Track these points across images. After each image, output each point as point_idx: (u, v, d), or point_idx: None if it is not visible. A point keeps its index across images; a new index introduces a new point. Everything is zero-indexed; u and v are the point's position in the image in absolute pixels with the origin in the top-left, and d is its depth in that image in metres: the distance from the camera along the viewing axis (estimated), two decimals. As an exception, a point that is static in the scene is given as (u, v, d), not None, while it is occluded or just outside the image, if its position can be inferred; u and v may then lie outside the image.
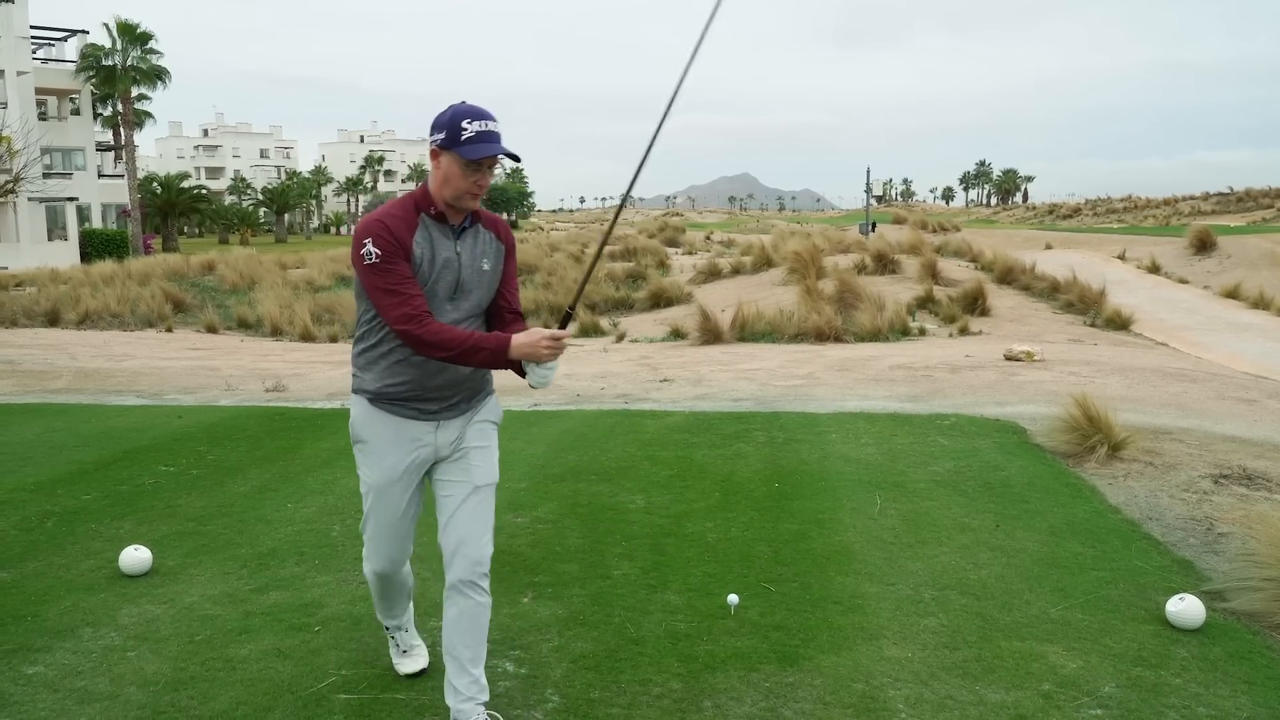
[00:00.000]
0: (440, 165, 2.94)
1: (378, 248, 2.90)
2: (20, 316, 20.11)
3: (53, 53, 51.75)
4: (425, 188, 3.01)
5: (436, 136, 2.93)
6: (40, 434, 7.76)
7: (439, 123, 2.92)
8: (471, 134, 2.89)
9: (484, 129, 2.90)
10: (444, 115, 2.92)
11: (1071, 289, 18.56)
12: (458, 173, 2.93)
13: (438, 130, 2.92)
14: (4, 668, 3.62)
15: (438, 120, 2.93)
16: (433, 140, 2.94)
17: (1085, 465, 6.39)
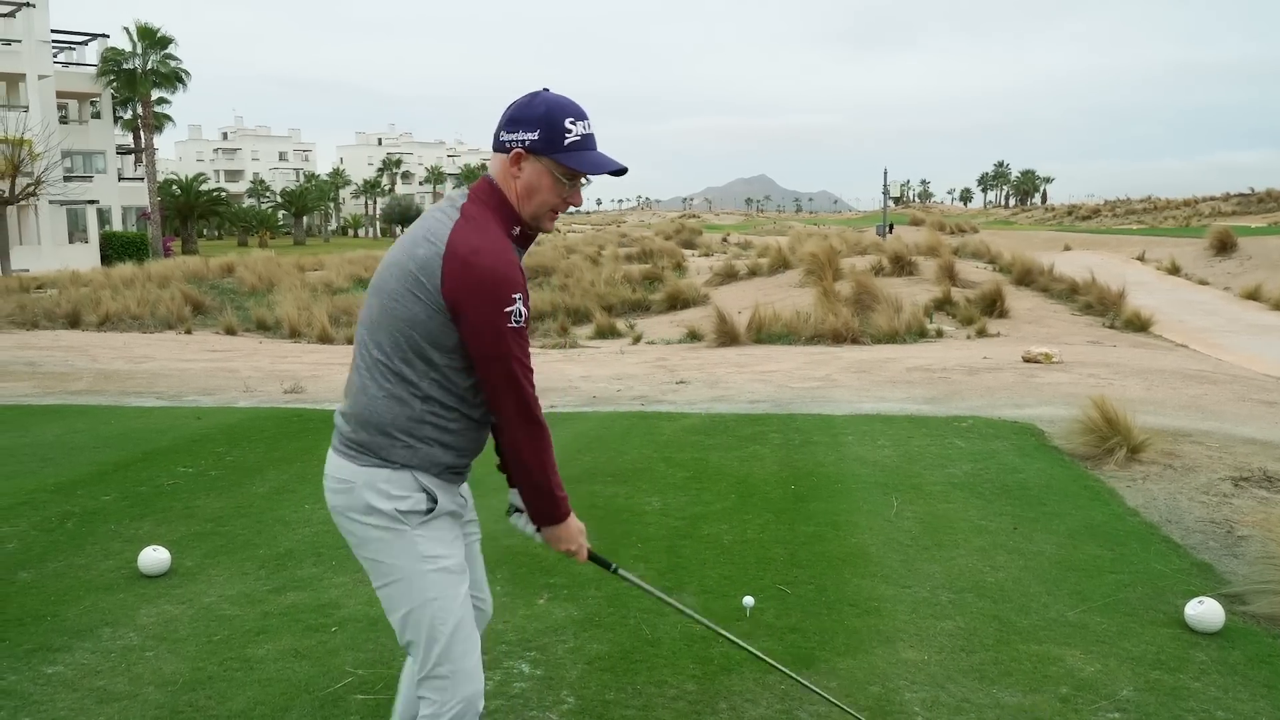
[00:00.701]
0: (524, 173, 2.31)
1: (526, 306, 2.27)
2: (41, 318, 20.27)
3: (74, 57, 52.15)
4: (503, 198, 2.33)
5: (526, 136, 2.28)
6: (61, 435, 7.81)
7: (530, 118, 2.28)
8: (578, 138, 2.30)
9: (590, 132, 2.33)
10: (535, 108, 2.29)
11: (1090, 290, 18.45)
12: (550, 185, 2.32)
13: (528, 127, 2.28)
14: (24, 667, 3.65)
15: (526, 114, 2.29)
16: (519, 140, 2.29)
17: (1104, 468, 6.36)
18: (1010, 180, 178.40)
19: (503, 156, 2.32)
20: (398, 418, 2.31)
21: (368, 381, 2.33)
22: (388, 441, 2.32)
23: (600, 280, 23.75)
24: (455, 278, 2.19)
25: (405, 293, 2.25)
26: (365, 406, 2.33)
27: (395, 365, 2.29)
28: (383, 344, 2.30)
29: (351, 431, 2.35)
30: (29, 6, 44.09)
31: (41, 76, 44.71)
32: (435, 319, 2.23)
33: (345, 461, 2.36)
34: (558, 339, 17.13)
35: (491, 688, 3.47)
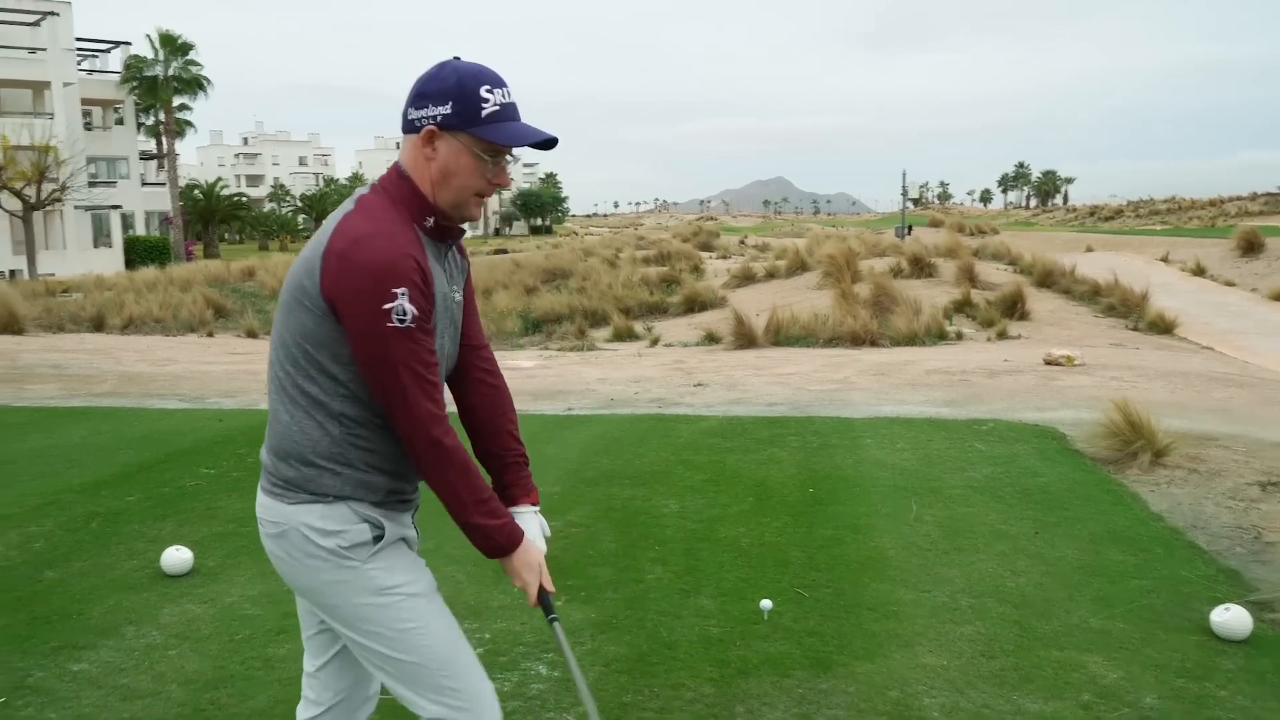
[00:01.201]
0: (438, 154, 2.01)
1: (414, 303, 1.93)
2: (67, 322, 20.45)
3: (97, 64, 52.64)
4: (411, 186, 2.04)
5: (438, 110, 1.98)
6: (86, 436, 7.89)
7: (440, 90, 1.98)
8: (496, 107, 1.99)
9: (510, 101, 2.03)
10: (444, 78, 1.99)
11: (1113, 292, 18.33)
12: (470, 165, 2.02)
13: (438, 100, 1.98)
14: (50, 664, 3.69)
15: (434, 86, 1.99)
16: (429, 116, 1.99)
17: (1127, 472, 6.31)
18: (1031, 181, 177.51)
19: (413, 138, 2.03)
20: (317, 444, 2.02)
21: (278, 407, 2.05)
22: (313, 472, 2.02)
23: (618, 283, 23.77)
24: (331, 273, 1.92)
25: (294, 301, 1.98)
26: (282, 435, 2.04)
27: (300, 384, 2.01)
28: (283, 361, 2.02)
29: (274, 466, 2.07)
30: (53, 15, 44.54)
31: (66, 84, 45.14)
32: (323, 325, 1.96)
33: (273, 501, 2.07)
34: (575, 341, 17.15)
35: (509, 689, 3.49)
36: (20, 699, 3.42)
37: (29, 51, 44.48)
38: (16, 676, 3.59)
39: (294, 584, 2.12)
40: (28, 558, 4.91)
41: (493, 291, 23.24)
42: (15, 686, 3.51)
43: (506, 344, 17.85)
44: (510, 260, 32.18)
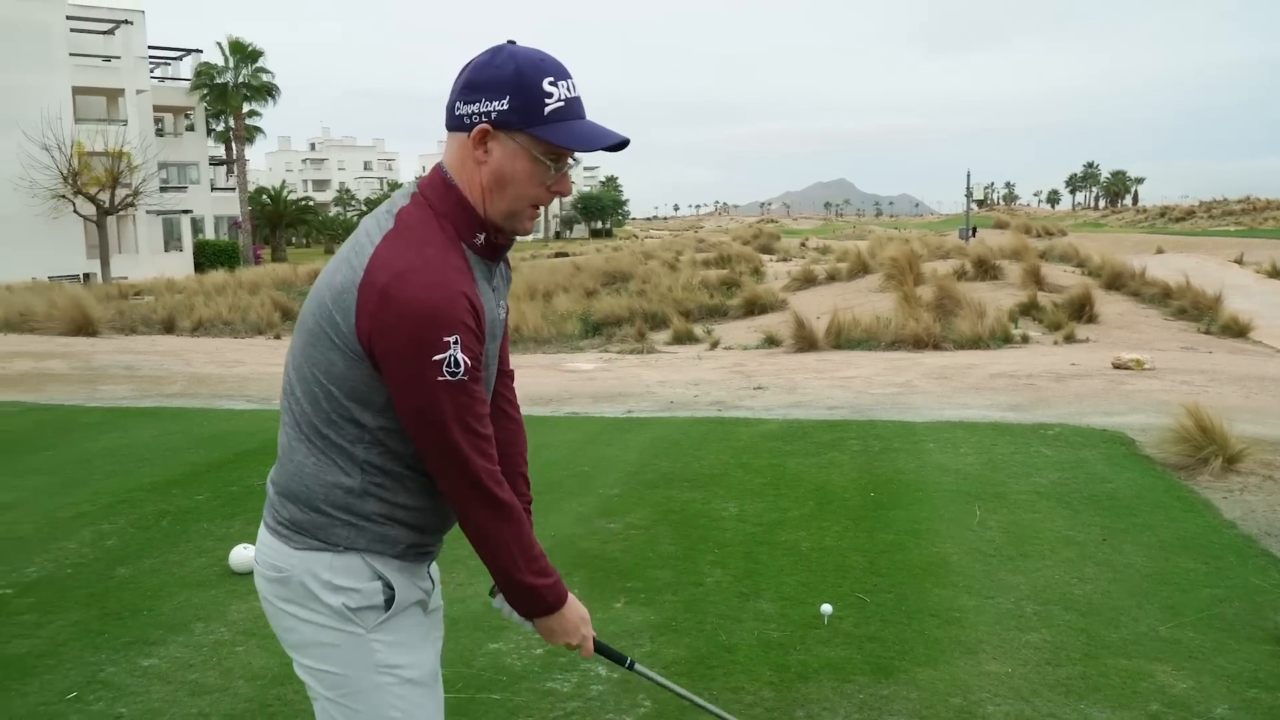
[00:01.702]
0: (491, 156, 1.72)
1: (467, 351, 1.67)
2: (139, 324, 20.96)
3: (169, 71, 53.93)
4: (458, 196, 1.76)
5: (493, 105, 1.69)
6: (157, 436, 8.08)
7: (496, 81, 1.69)
8: (561, 103, 1.72)
9: (576, 95, 1.75)
10: (501, 67, 1.69)
11: (1184, 294, 17.90)
12: (528, 171, 1.74)
13: (494, 94, 1.69)
14: (121, 660, 3.79)
15: (489, 76, 1.70)
16: (482, 112, 1.70)
17: (1198, 478, 6.17)
18: (1100, 181, 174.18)
19: (461, 137, 1.73)
20: (331, 491, 1.77)
21: (294, 444, 1.79)
22: (324, 520, 1.77)
23: (677, 285, 23.76)
24: (371, 314, 1.64)
25: (320, 333, 1.71)
26: (292, 475, 1.79)
27: (319, 427, 1.75)
28: (302, 398, 1.76)
29: (280, 505, 1.82)
30: (127, 24, 45.75)
31: (139, 91, 46.31)
32: (356, 370, 1.69)
33: (278, 542, 1.82)
34: (635, 344, 17.17)
35: (569, 690, 3.51)
36: (92, 693, 3.51)
37: (104, 60, 45.75)
38: (89, 671, 3.69)
39: (283, 637, 1.86)
40: (100, 555, 5.05)
41: (553, 294, 23.36)
42: (88, 681, 3.61)
43: (566, 346, 17.93)
44: (570, 263, 32.34)
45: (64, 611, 4.26)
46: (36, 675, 3.64)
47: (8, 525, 5.53)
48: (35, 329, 19.38)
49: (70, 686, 3.56)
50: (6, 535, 5.34)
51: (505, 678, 3.61)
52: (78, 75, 43.60)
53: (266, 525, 1.86)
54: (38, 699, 3.46)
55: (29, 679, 3.61)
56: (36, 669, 3.70)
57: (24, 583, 4.62)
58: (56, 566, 4.85)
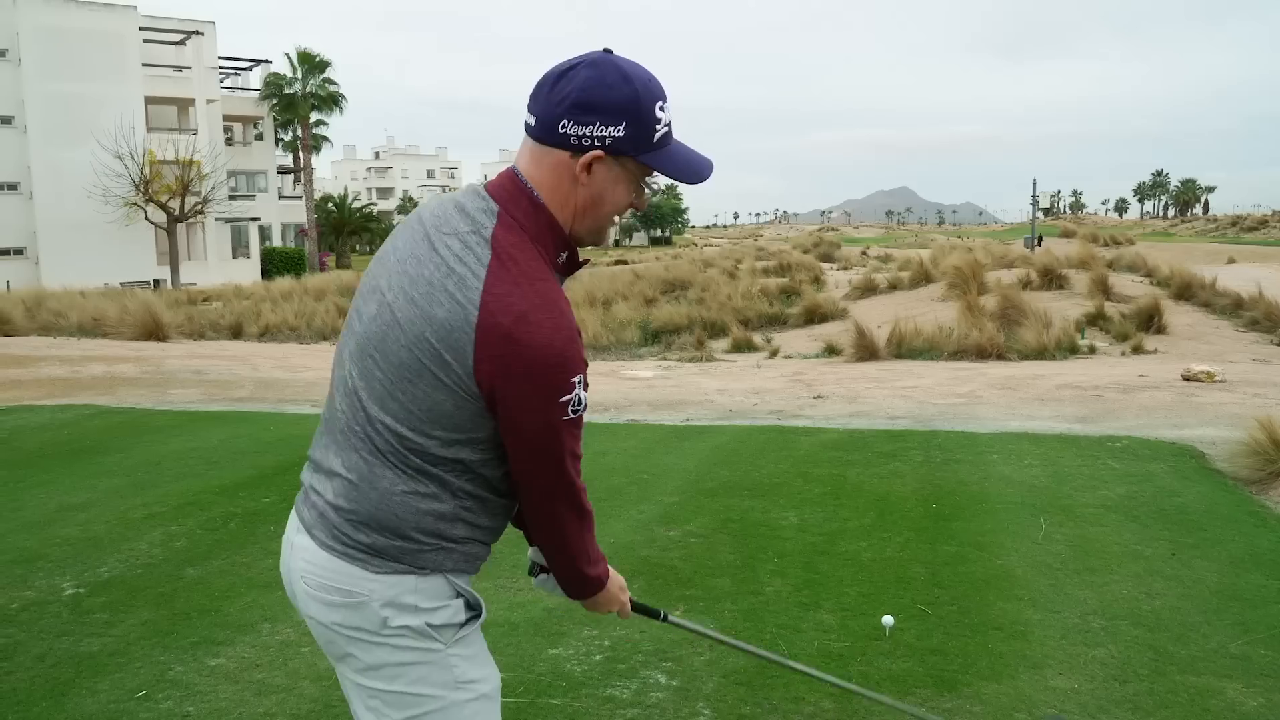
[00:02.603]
0: (595, 179, 1.70)
1: (586, 388, 1.69)
2: (208, 330, 21.42)
3: (239, 81, 55.15)
4: (549, 219, 1.72)
5: (610, 131, 1.65)
6: (225, 440, 8.24)
7: (615, 105, 1.64)
8: (665, 128, 1.71)
9: (672, 117, 1.74)
10: (621, 89, 1.65)
11: (1257, 305, 17.45)
12: (625, 194, 1.74)
13: (612, 119, 1.65)
14: (189, 659, 3.87)
15: (608, 99, 1.64)
16: (599, 137, 1.66)
17: (1270, 492, 6.01)
18: (1169, 190, 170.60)
19: (561, 155, 1.68)
20: (423, 519, 1.73)
21: (380, 470, 1.73)
22: (414, 546, 1.74)
23: (737, 294, 23.71)
24: (496, 358, 1.60)
25: (423, 371, 1.65)
26: (377, 503, 1.72)
27: (412, 457, 1.71)
28: (390, 428, 1.70)
29: (355, 530, 1.74)
30: (198, 35, 46.85)
31: (209, 101, 47.40)
32: (465, 409, 1.66)
33: (346, 565, 1.74)
34: (694, 352, 17.16)
35: (628, 696, 3.51)
36: (161, 691, 3.59)
37: (175, 70, 46.93)
38: (158, 670, 3.77)
39: (343, 660, 1.81)
40: (170, 555, 5.16)
41: (612, 302, 23.44)
42: (156, 680, 3.68)
43: (626, 354, 17.98)
44: (630, 271, 32.42)
45: (134, 611, 4.36)
46: (107, 674, 3.73)
47: (81, 525, 5.67)
48: (108, 334, 19.91)
49: (140, 685, 3.64)
50: (80, 536, 5.48)
51: (565, 683, 3.62)
52: (150, 85, 44.77)
53: (327, 547, 1.76)
54: (108, 697, 3.54)
55: (100, 677, 3.70)
56: (107, 667, 3.79)
57: (96, 582, 4.74)
58: (127, 567, 4.97)
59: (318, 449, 1.86)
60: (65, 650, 3.94)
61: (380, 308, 1.73)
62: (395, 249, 1.77)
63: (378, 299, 1.74)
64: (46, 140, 41.01)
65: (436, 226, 1.71)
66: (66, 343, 18.57)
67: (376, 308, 1.74)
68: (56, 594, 4.58)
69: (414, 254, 1.71)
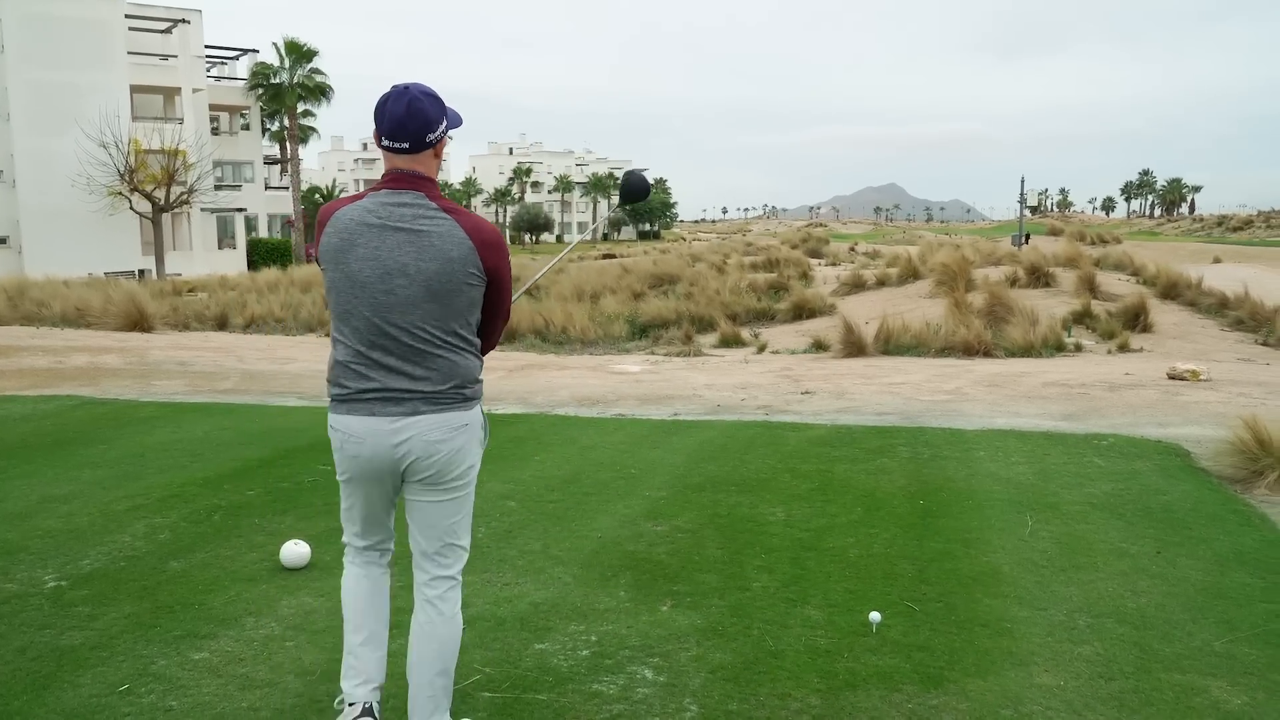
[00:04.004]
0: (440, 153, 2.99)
1: None
2: (192, 321, 21.31)
3: (225, 71, 54.80)
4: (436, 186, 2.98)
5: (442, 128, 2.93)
6: (209, 432, 8.20)
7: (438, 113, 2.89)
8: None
9: None
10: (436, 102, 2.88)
11: (1242, 305, 17.56)
12: None
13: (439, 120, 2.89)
14: (172, 653, 3.83)
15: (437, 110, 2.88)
16: (443, 133, 2.93)
17: (1255, 491, 6.04)
18: (1156, 189, 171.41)
19: (427, 153, 2.88)
20: (471, 370, 2.94)
21: (442, 353, 2.86)
22: (479, 387, 2.97)
23: (725, 289, 23.71)
24: (488, 251, 2.85)
25: (461, 283, 2.82)
26: (449, 373, 2.87)
27: (460, 342, 2.90)
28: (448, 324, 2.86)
29: (450, 390, 2.88)
30: (184, 23, 46.54)
31: (195, 90, 47.11)
32: (482, 288, 2.90)
33: (455, 411, 2.89)
34: (682, 347, 17.15)
35: (615, 692, 3.50)
36: (143, 685, 3.55)
37: (161, 58, 46.61)
38: (140, 663, 3.73)
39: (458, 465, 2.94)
40: (153, 548, 5.12)
41: (601, 296, 23.40)
42: (139, 673, 3.65)
43: (614, 348, 17.96)
44: (618, 265, 32.40)
45: (117, 604, 4.33)
46: (89, 667, 3.70)
47: (64, 518, 5.63)
48: (91, 324, 19.80)
49: (122, 679, 3.60)
50: (63, 528, 5.44)
51: (551, 679, 3.61)
52: (135, 74, 44.44)
53: (437, 407, 2.86)
54: (90, 691, 3.51)
55: (82, 671, 3.66)
56: (89, 661, 3.75)
57: (79, 575, 4.70)
58: (110, 559, 4.93)
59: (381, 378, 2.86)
60: (46, 643, 3.91)
61: (404, 279, 2.80)
62: (367, 243, 2.82)
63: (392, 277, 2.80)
64: (30, 128, 40.70)
65: (395, 223, 2.82)
66: (49, 333, 18.46)
67: (400, 280, 2.80)
68: (38, 586, 4.54)
69: (399, 242, 2.82)
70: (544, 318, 18.93)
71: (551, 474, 6.59)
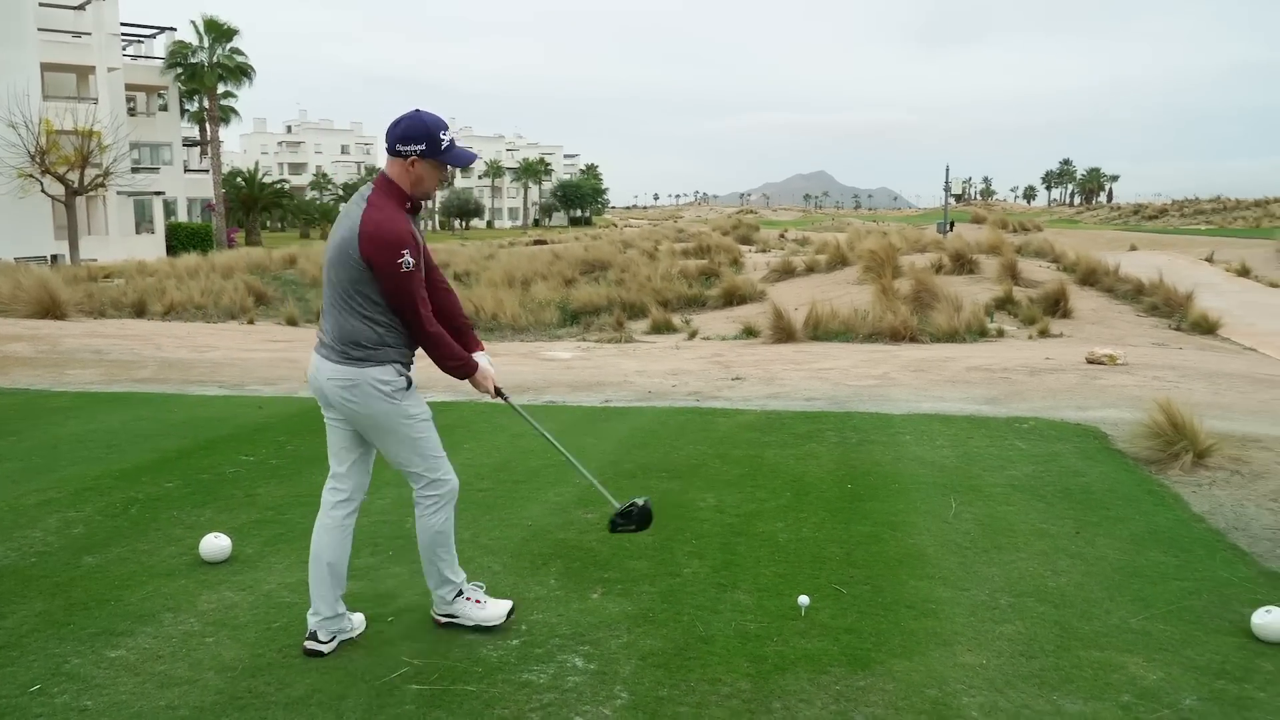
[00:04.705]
0: (414, 170, 3.48)
1: (414, 256, 3.46)
2: (109, 307, 20.72)
3: (142, 50, 53.26)
4: (397, 189, 3.50)
5: (416, 148, 3.44)
6: (125, 422, 7.98)
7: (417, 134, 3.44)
8: (449, 142, 3.50)
9: (454, 137, 3.54)
10: (418, 127, 3.45)
11: (1157, 291, 18.06)
12: (433, 176, 3.53)
13: (417, 142, 3.44)
14: (88, 651, 3.72)
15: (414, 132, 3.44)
16: (412, 150, 3.44)
17: (1169, 472, 6.21)
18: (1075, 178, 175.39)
19: (399, 160, 3.47)
20: (364, 334, 3.49)
21: (344, 315, 3.50)
22: (368, 349, 3.50)
23: (656, 275, 23.73)
24: (367, 242, 3.38)
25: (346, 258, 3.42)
26: (348, 332, 3.49)
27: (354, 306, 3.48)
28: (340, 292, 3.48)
29: (344, 347, 3.51)
30: (99, 0, 45.07)
31: (111, 69, 45.67)
32: (362, 272, 3.41)
33: (346, 366, 3.51)
34: (613, 333, 17.13)
35: (545, 681, 3.48)
36: (56, 685, 3.44)
37: (74, 36, 45.04)
38: (53, 662, 3.62)
39: (362, 417, 3.58)
40: (67, 543, 4.97)
41: (531, 282, 23.26)
42: (52, 673, 3.54)
43: (544, 335, 17.88)
44: (549, 251, 32.23)
45: (28, 601, 4.19)
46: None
47: (-26, 510, 5.43)
48: (0, 311, 19.13)
49: (34, 679, 3.49)
50: (-28, 521, 5.25)
51: (480, 669, 3.58)
52: (46, 51, 42.84)
53: (329, 359, 3.55)
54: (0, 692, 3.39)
55: (-7, 668, 3.54)
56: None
57: (-10, 569, 4.54)
58: (20, 555, 4.77)
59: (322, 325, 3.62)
60: (-46, 642, 3.77)
61: (330, 249, 3.48)
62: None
63: (328, 248, 3.50)
64: (-66, 107, 39.11)
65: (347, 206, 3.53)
66: (-42, 320, 17.81)
67: (329, 250, 3.49)
68: (-55, 583, 4.38)
69: (339, 220, 3.53)
70: (474, 304, 18.77)
71: (481, 462, 6.54)
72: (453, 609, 3.87)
